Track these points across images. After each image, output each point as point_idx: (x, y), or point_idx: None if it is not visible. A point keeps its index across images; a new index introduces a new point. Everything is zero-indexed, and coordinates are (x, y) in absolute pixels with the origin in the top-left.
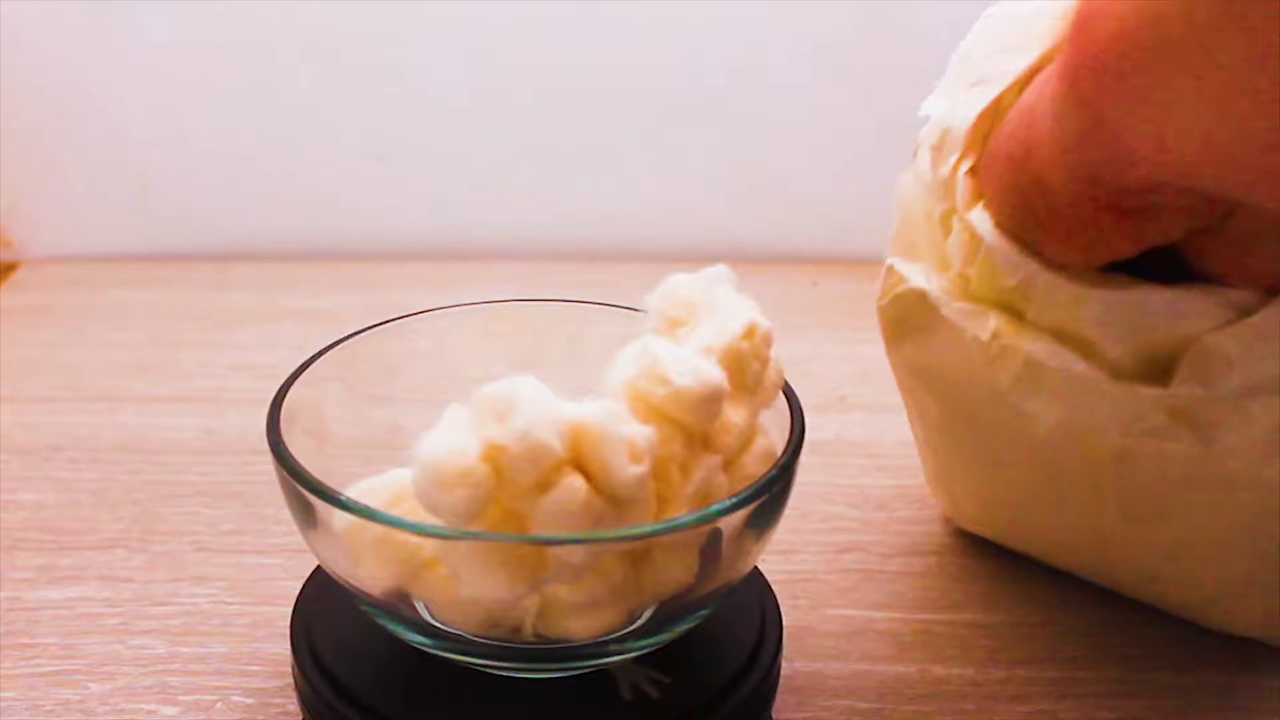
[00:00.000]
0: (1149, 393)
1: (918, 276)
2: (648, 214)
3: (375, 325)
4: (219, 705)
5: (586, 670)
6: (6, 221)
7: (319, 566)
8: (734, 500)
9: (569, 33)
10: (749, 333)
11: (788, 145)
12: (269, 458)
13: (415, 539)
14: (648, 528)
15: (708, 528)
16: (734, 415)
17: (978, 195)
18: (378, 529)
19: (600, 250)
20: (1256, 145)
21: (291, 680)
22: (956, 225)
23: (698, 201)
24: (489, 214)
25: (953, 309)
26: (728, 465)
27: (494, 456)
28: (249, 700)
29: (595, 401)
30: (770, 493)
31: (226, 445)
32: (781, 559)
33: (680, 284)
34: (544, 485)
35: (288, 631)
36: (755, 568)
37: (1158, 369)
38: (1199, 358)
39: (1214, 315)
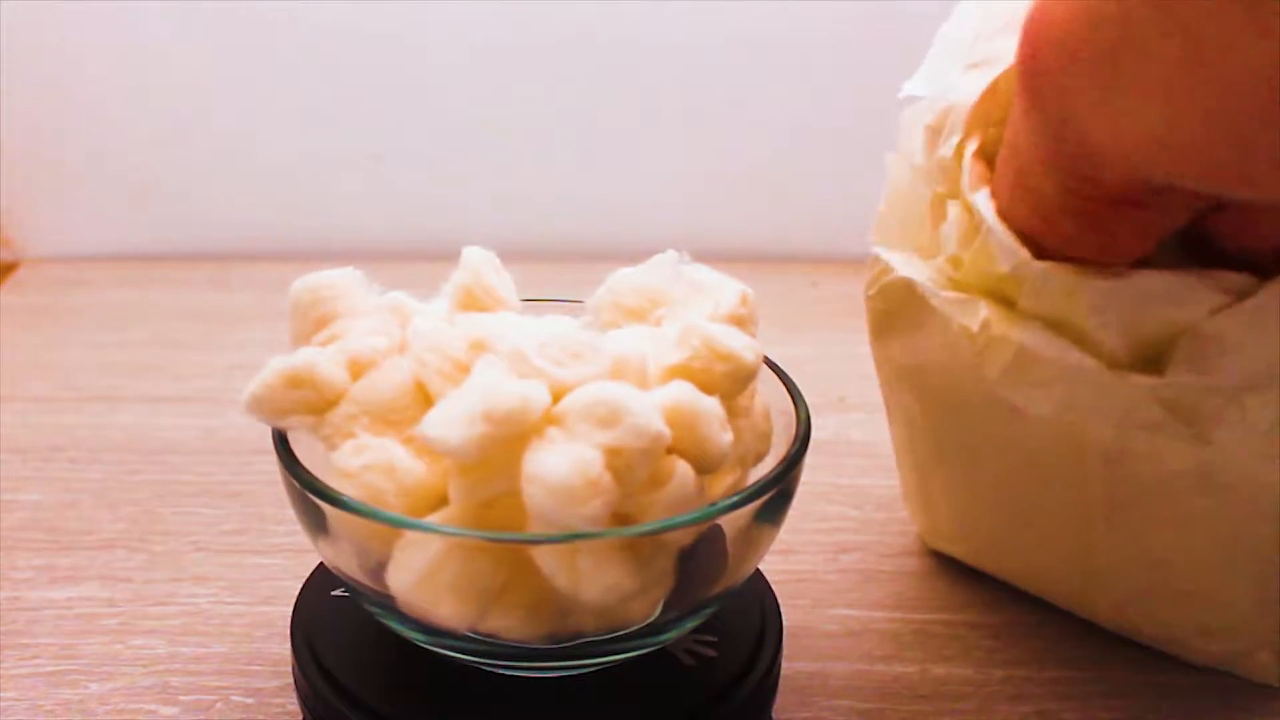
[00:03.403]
0: (1144, 382)
1: (903, 265)
2: (647, 214)
3: None
4: (219, 705)
5: (593, 668)
6: (6, 221)
7: (319, 566)
8: (771, 477)
9: (569, 33)
10: (744, 300)
11: (788, 145)
12: (269, 458)
13: (489, 564)
14: (740, 496)
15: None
16: None
17: (984, 179)
18: (454, 568)
19: (599, 250)
20: (1203, 142)
21: (291, 680)
22: (954, 209)
23: (697, 201)
24: (489, 214)
25: (941, 299)
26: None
27: (612, 462)
28: (249, 700)
29: (672, 385)
30: (781, 485)
31: (226, 445)
32: (781, 559)
33: (629, 277)
34: (658, 479)
35: (288, 631)
36: (756, 568)
37: (1154, 359)
38: (1194, 344)
39: (1210, 300)
